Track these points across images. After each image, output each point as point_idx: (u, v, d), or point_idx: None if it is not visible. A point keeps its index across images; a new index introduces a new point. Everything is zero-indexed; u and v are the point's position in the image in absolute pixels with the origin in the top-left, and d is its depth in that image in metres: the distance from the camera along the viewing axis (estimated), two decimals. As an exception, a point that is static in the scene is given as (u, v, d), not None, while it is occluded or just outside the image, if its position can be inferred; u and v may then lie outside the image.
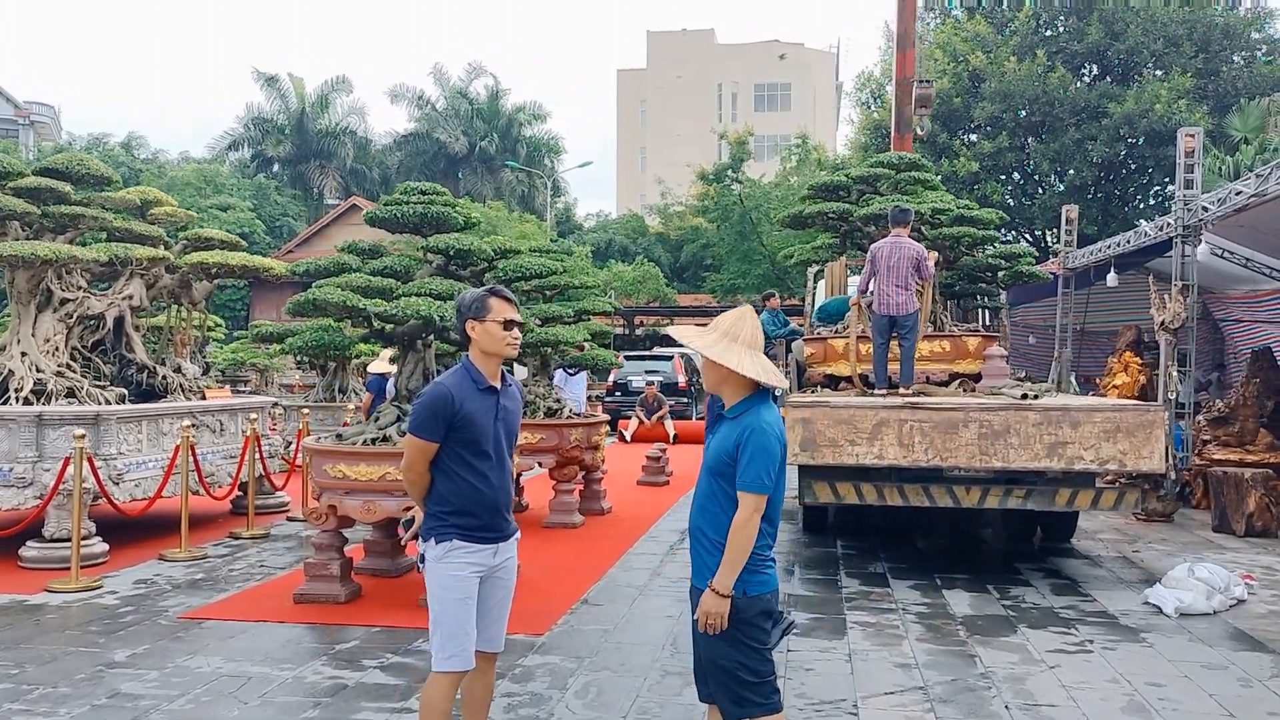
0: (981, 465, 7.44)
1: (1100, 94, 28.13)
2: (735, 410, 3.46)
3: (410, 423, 3.85)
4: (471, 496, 3.85)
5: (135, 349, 10.16)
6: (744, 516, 3.34)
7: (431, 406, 3.78)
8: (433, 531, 3.87)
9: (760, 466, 3.32)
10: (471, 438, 3.83)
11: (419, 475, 3.87)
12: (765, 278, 38.52)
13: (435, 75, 51.36)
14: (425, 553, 3.90)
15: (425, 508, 3.92)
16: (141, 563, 8.36)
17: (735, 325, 3.49)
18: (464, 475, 3.84)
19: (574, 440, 10.09)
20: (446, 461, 3.84)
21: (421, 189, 7.56)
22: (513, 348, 3.92)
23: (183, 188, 40.44)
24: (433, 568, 3.85)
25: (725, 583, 3.36)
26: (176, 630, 6.34)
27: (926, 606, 7.09)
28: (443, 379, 3.87)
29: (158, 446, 9.12)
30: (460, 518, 3.85)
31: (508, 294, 3.97)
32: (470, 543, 3.85)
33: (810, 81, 65.50)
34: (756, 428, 3.35)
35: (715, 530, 3.45)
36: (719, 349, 3.45)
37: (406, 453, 3.87)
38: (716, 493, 3.46)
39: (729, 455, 3.39)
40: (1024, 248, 11.71)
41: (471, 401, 3.83)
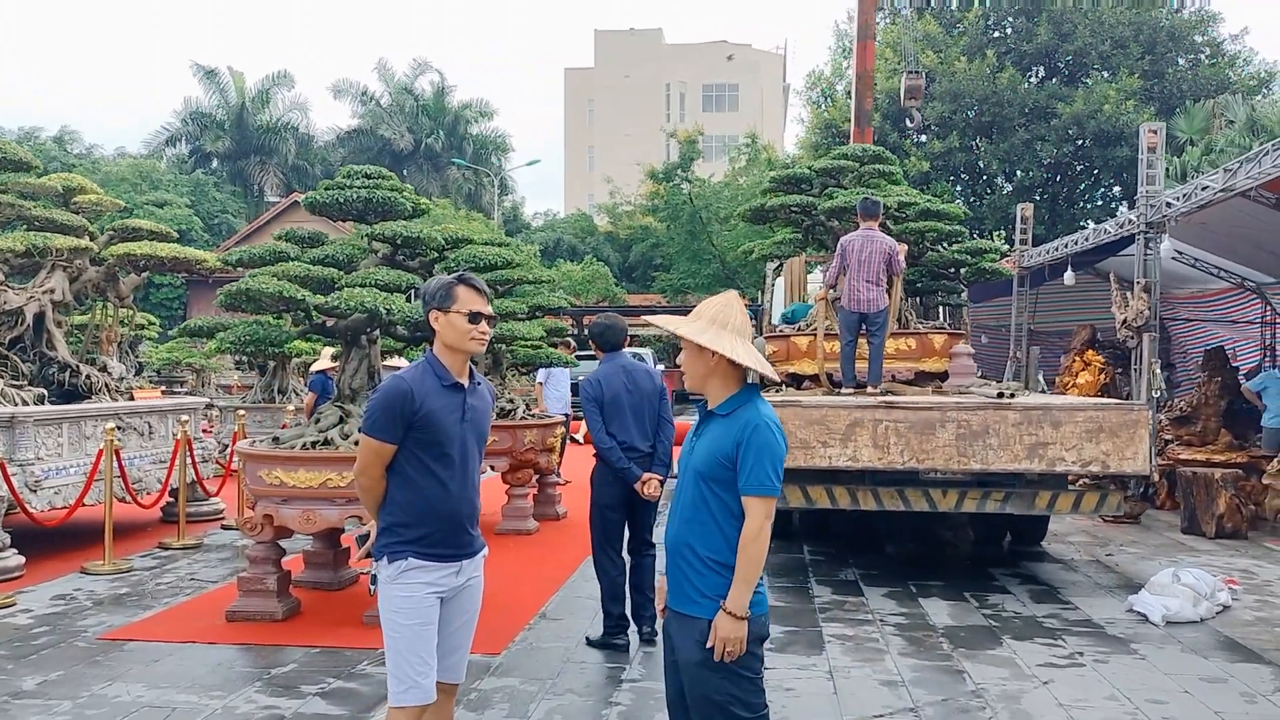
0: (960, 468, 7.09)
1: (1049, 94, 28.24)
2: (727, 406, 3.07)
3: (364, 421, 3.41)
4: (430, 507, 3.40)
5: (57, 346, 9.49)
6: (756, 525, 2.97)
7: (388, 403, 3.34)
8: (386, 549, 3.41)
9: (768, 466, 2.96)
10: (432, 439, 3.38)
11: (373, 481, 3.43)
12: (715, 277, 38.28)
13: (380, 71, 50.54)
14: (377, 573, 3.43)
15: (378, 519, 3.46)
16: (61, 576, 7.73)
17: (723, 312, 3.12)
18: (423, 482, 3.39)
19: (528, 442, 9.60)
20: (404, 466, 3.39)
21: (366, 172, 7.04)
22: (479, 343, 3.47)
23: (117, 183, 39.21)
24: (386, 590, 3.39)
25: (741, 603, 2.96)
26: (95, 653, 5.76)
27: (905, 617, 6.72)
28: (403, 373, 3.43)
29: (80, 451, 8.49)
30: (417, 532, 3.39)
31: (478, 283, 3.52)
32: (428, 561, 3.39)
33: (758, 82, 65.49)
34: (759, 424, 2.98)
35: (706, 545, 3.03)
36: (709, 335, 3.06)
37: (360, 455, 3.43)
38: (708, 500, 3.04)
39: (725, 457, 2.99)
40: (990, 244, 11.47)
41: (434, 399, 3.38)
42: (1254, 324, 16.15)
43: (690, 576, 3.05)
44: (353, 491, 6.10)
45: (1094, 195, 31.44)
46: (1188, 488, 10.22)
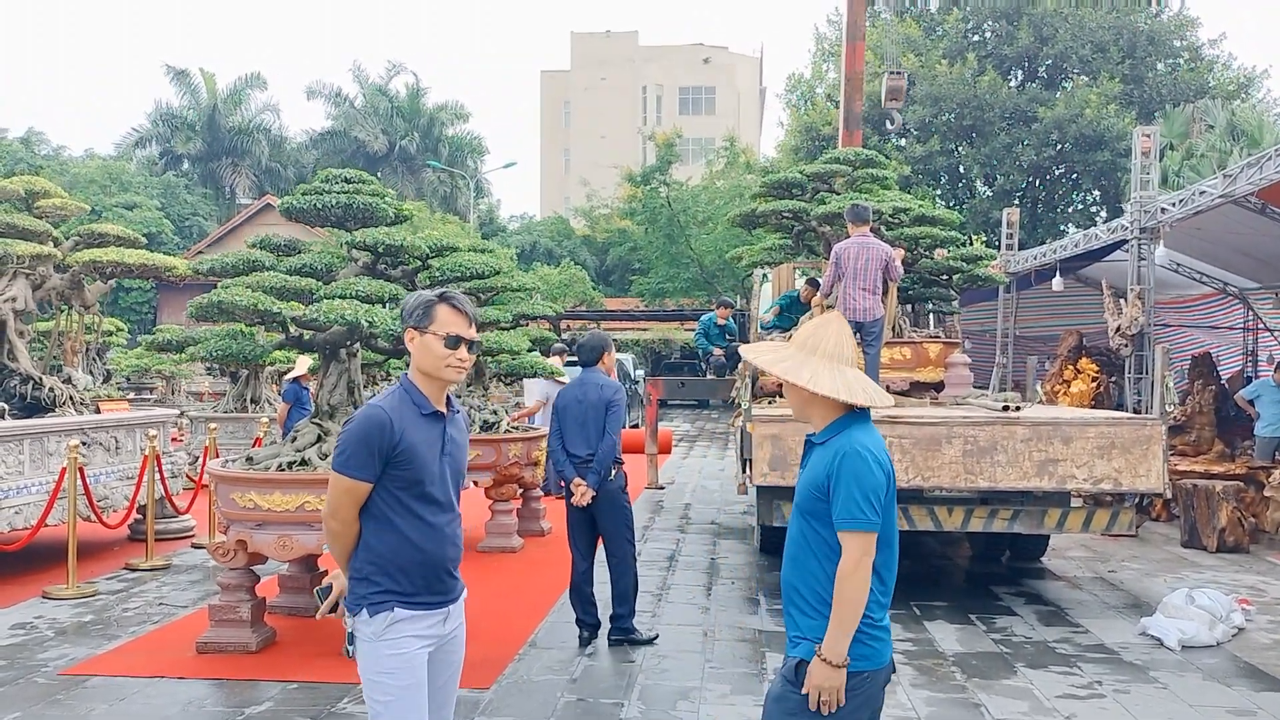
0: (966, 485, 6.82)
1: (1030, 98, 28.18)
2: (825, 434, 2.87)
3: (337, 457, 3.00)
4: (415, 553, 3.02)
5: (18, 357, 9.08)
6: (851, 562, 2.71)
7: (364, 435, 2.95)
8: (365, 600, 3.01)
9: (858, 496, 2.72)
10: (414, 477, 3.01)
11: (344, 525, 3.03)
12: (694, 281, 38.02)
13: (354, 72, 50.14)
14: (355, 630, 3.04)
15: (350, 568, 3.06)
16: (21, 602, 7.31)
17: (814, 336, 2.93)
18: (405, 526, 3.01)
19: (513, 456, 9.26)
20: (382, 508, 3.01)
21: (345, 176, 6.69)
22: (456, 371, 3.08)
23: (86, 185, 38.48)
24: (370, 648, 3.00)
25: (838, 649, 2.71)
26: (56, 690, 5.38)
27: (912, 643, 6.43)
28: (379, 400, 3.04)
29: (42, 468, 8.07)
30: (401, 580, 3.01)
31: (463, 304, 3.12)
32: (416, 610, 3.03)
33: (735, 85, 65.33)
34: (849, 451, 2.76)
35: (808, 585, 2.81)
36: (788, 364, 2.88)
37: (331, 496, 3.02)
38: (809, 537, 2.83)
39: (819, 488, 2.80)
40: (984, 249, 11.22)
41: (414, 430, 3.01)
42: (1235, 329, 16.06)
43: (797, 620, 2.85)
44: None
45: (1074, 200, 31.41)
46: (1188, 500, 9.99)
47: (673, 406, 31.03)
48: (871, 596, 2.76)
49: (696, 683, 5.61)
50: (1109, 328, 12.47)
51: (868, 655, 2.76)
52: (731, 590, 7.85)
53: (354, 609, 3.02)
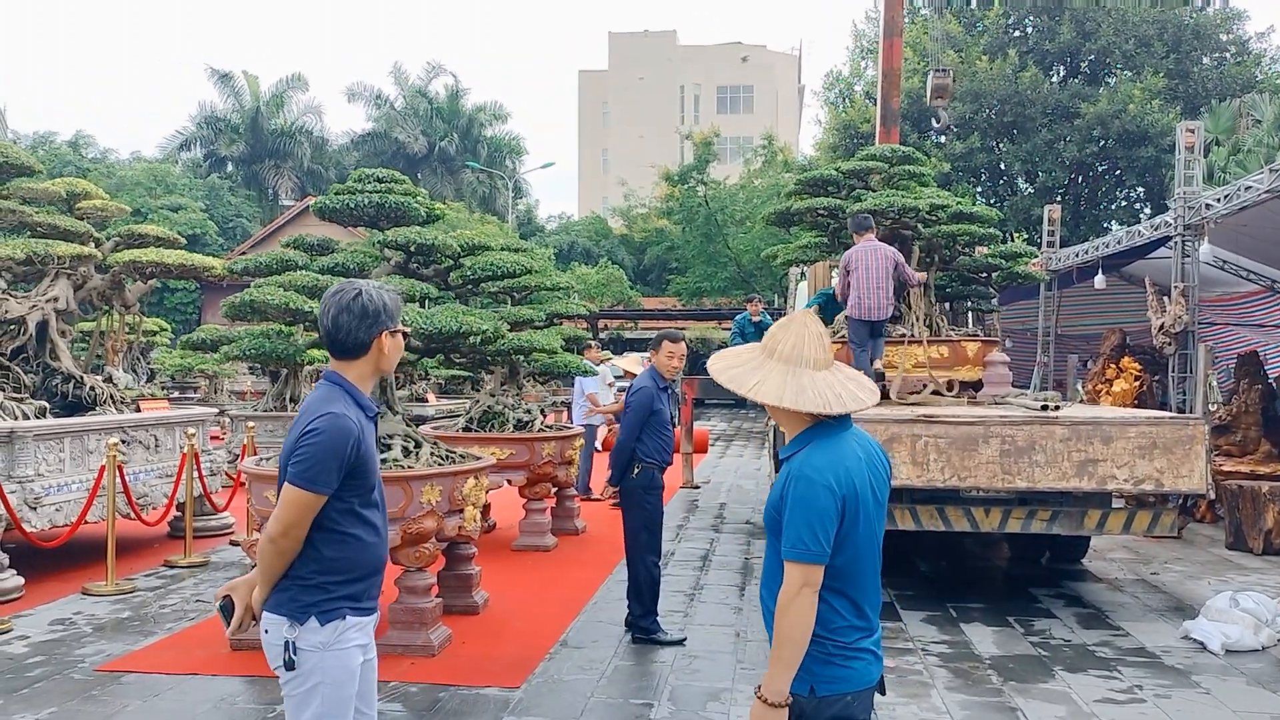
0: (1004, 486, 6.71)
1: (1072, 94, 27.77)
2: (789, 449, 2.66)
3: (301, 472, 2.81)
4: (365, 558, 2.96)
5: (60, 356, 9.20)
6: (789, 594, 2.52)
7: (336, 448, 2.82)
8: (314, 608, 2.87)
9: (801, 525, 2.50)
10: (366, 483, 2.95)
11: (297, 543, 2.87)
12: (731, 280, 37.91)
13: (394, 74, 50.38)
14: (298, 639, 2.86)
15: (292, 578, 2.90)
16: (62, 598, 7.41)
17: (773, 337, 2.70)
18: (355, 532, 2.93)
19: (546, 455, 9.25)
20: (336, 518, 2.90)
21: (378, 175, 6.71)
22: None
23: (132, 188, 39.08)
24: (316, 658, 2.86)
25: (775, 686, 2.52)
26: (92, 686, 5.44)
27: (948, 645, 6.34)
28: (331, 406, 2.88)
29: (83, 466, 8.17)
30: (352, 586, 2.93)
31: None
32: (360, 616, 2.96)
33: (773, 83, 65.06)
34: (797, 475, 2.55)
35: (774, 600, 2.63)
36: (736, 372, 2.66)
37: (288, 513, 2.84)
38: (773, 558, 2.66)
39: (775, 509, 2.63)
40: (1024, 247, 11.06)
41: (366, 436, 2.95)
42: (1283, 328, 15.71)
43: (770, 641, 2.65)
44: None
45: (1117, 197, 30.94)
46: (1233, 502, 9.79)
47: (710, 405, 30.94)
48: (845, 622, 2.59)
49: (728, 684, 5.56)
50: (1152, 326, 12.26)
51: (845, 678, 2.58)
52: (765, 591, 7.77)
53: (300, 618, 2.87)
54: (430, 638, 5.99)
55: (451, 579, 6.89)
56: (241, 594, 2.97)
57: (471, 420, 9.63)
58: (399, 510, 5.81)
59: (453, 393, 20.67)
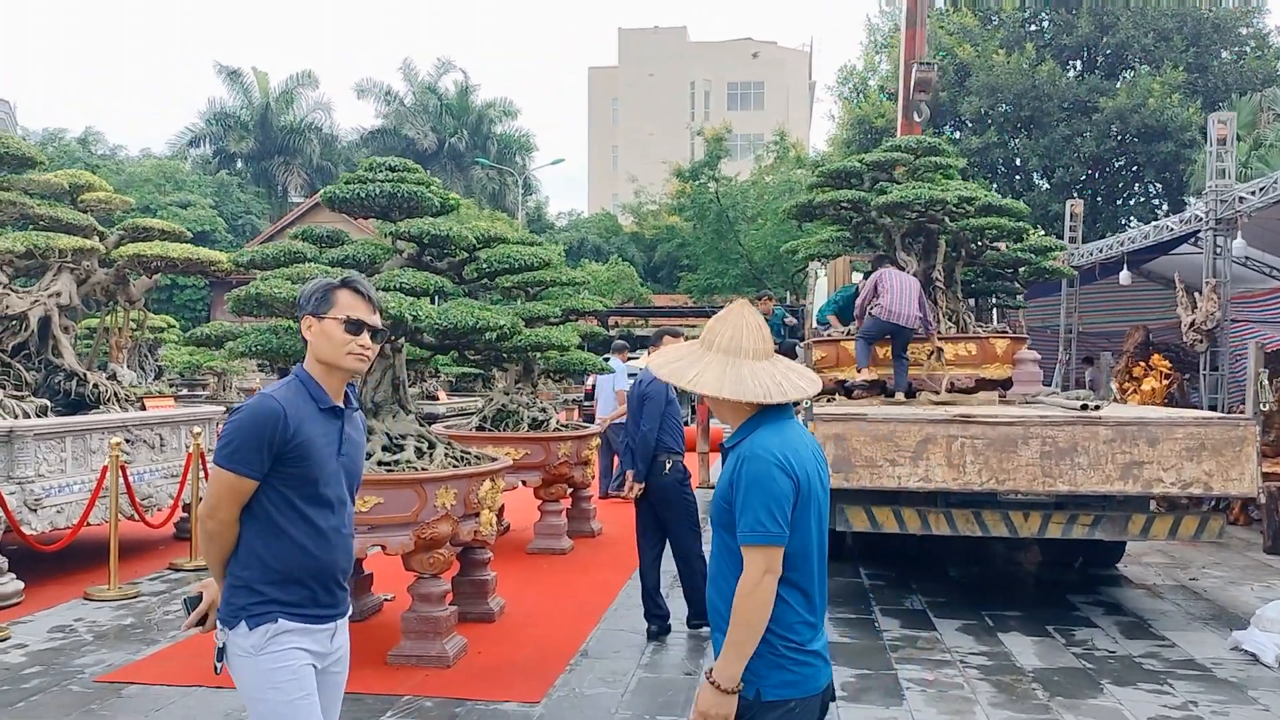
0: (1044, 489, 6.41)
1: (1090, 88, 27.38)
2: (734, 438, 2.61)
3: (220, 449, 2.72)
4: (303, 560, 2.76)
5: (63, 353, 8.95)
6: (751, 580, 2.44)
7: (255, 427, 2.68)
8: (243, 611, 2.72)
9: (759, 506, 2.44)
10: (307, 475, 2.75)
11: (223, 526, 2.74)
12: (743, 277, 37.57)
13: (404, 71, 50.15)
14: (228, 644, 2.74)
15: (228, 575, 2.78)
16: (63, 603, 7.15)
17: (711, 329, 2.67)
18: (294, 530, 2.75)
19: (562, 455, 8.97)
20: (268, 509, 2.74)
21: (390, 164, 6.43)
22: (358, 360, 2.84)
23: (141, 184, 38.92)
24: (246, 663, 2.72)
25: (728, 672, 2.45)
26: (91, 699, 5.17)
27: (987, 657, 6.04)
28: (272, 390, 2.78)
29: (85, 466, 7.91)
30: (286, 590, 2.74)
31: (364, 287, 2.91)
32: (300, 623, 2.75)
33: (783, 80, 64.69)
34: (748, 455, 2.51)
35: (724, 601, 2.54)
36: (676, 366, 2.63)
37: (211, 492, 2.75)
38: (724, 553, 2.58)
39: (724, 498, 2.56)
40: (1053, 241, 10.76)
41: (310, 425, 2.75)
42: (1309, 326, 15.38)
43: (716, 638, 2.58)
44: (375, 517, 5.52)
45: (1134, 192, 30.54)
46: (1272, 504, 9.47)
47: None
48: (797, 617, 2.50)
49: (758, 698, 5.26)
50: (1182, 323, 11.95)
51: (793, 682, 2.49)
52: (791, 597, 7.48)
53: (230, 621, 2.73)
54: (445, 648, 5.72)
55: (466, 585, 6.62)
56: (211, 591, 2.85)
57: (485, 419, 9.36)
58: (412, 514, 5.55)
59: (463, 390, 20.41)
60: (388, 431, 5.96)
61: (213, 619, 2.80)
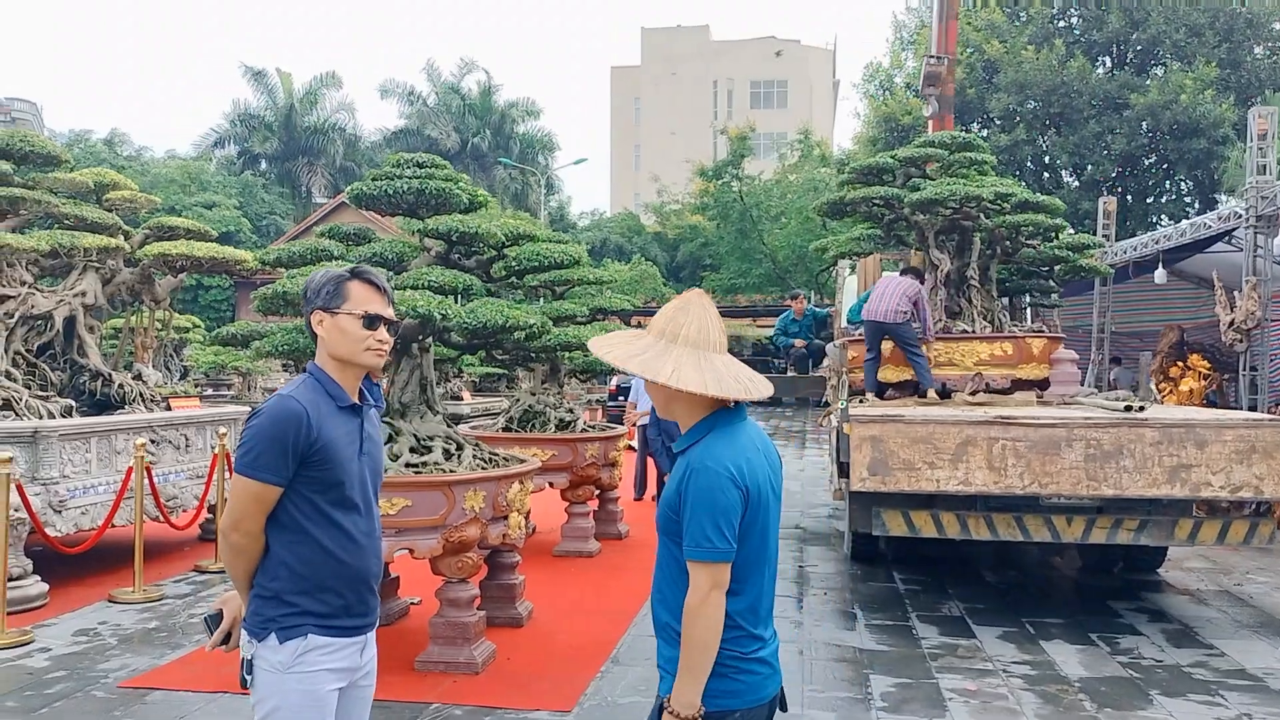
0: (1089, 493, 6.22)
1: (1121, 85, 27.02)
2: (685, 440, 2.47)
3: (241, 457, 2.57)
4: (335, 567, 2.62)
5: (88, 353, 8.89)
6: (697, 597, 2.33)
7: (277, 432, 2.54)
8: (272, 624, 2.59)
9: (705, 520, 2.32)
10: (332, 478, 2.61)
11: (251, 538, 2.60)
12: (766, 276, 37.41)
13: (427, 71, 50.25)
14: (255, 657, 2.60)
15: (252, 589, 2.64)
16: (88, 605, 7.08)
17: (674, 320, 2.49)
18: (323, 536, 2.61)
19: (589, 457, 8.84)
20: (295, 516, 2.60)
21: (417, 161, 6.32)
22: (376, 355, 2.70)
23: (166, 185, 39.14)
24: (272, 678, 2.57)
25: (686, 698, 2.33)
26: (114, 706, 5.08)
27: (1031, 666, 5.86)
28: (290, 391, 2.63)
29: (110, 467, 7.85)
30: (318, 600, 2.61)
31: (377, 279, 2.76)
32: (332, 636, 2.61)
33: (807, 78, 64.38)
34: (698, 467, 2.37)
35: (669, 611, 2.45)
36: (646, 358, 2.43)
37: (234, 504, 2.60)
38: (669, 562, 2.46)
39: (671, 506, 2.43)
40: (1090, 238, 10.53)
41: (331, 425, 2.62)
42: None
43: (661, 649, 2.50)
44: (403, 520, 5.40)
45: (1166, 190, 30.14)
46: (1317, 508, 9.21)
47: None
48: (740, 629, 2.40)
49: (796, 709, 5.11)
50: (1221, 322, 11.70)
51: (735, 691, 2.38)
52: (825, 603, 7.33)
53: (259, 633, 2.59)
54: (474, 654, 5.60)
55: (494, 589, 6.49)
56: (233, 606, 2.70)
57: (512, 420, 9.24)
58: (440, 517, 5.43)
59: (488, 390, 20.33)
60: (415, 433, 5.85)
61: (236, 636, 2.67)
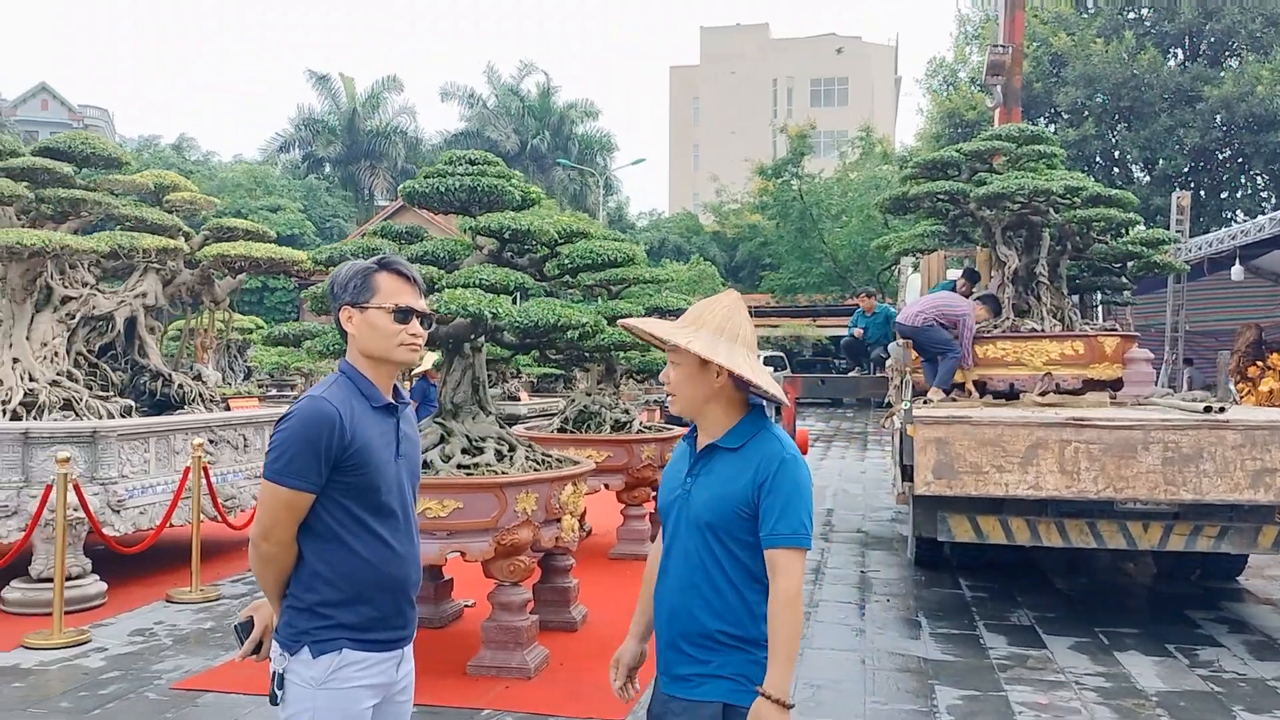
0: (1167, 498, 5.94)
1: (1193, 77, 26.26)
2: (736, 438, 2.47)
3: (272, 463, 2.43)
4: (372, 577, 2.48)
5: (149, 354, 8.96)
6: (796, 585, 2.38)
7: (308, 434, 2.40)
8: (306, 636, 2.45)
9: (804, 510, 2.40)
10: (368, 483, 2.47)
11: (282, 547, 2.46)
12: (827, 276, 37.01)
13: (487, 73, 50.64)
14: (287, 671, 2.46)
15: (284, 600, 2.51)
16: (145, 605, 7.11)
17: (730, 319, 2.49)
18: (359, 545, 2.47)
19: (646, 458, 8.70)
20: (329, 523, 2.46)
21: (470, 158, 6.23)
22: (410, 350, 2.57)
23: (233, 189, 39.86)
24: (304, 694, 2.43)
25: (786, 685, 2.35)
26: (166, 707, 5.05)
27: (1104, 678, 5.61)
28: (321, 391, 2.49)
29: (169, 467, 7.88)
30: (354, 611, 2.47)
31: (405, 267, 2.60)
32: (368, 651, 2.47)
33: (868, 75, 63.66)
34: (786, 457, 2.42)
35: (715, 615, 2.43)
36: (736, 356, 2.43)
37: (264, 511, 2.45)
38: (720, 559, 2.43)
39: (743, 502, 2.40)
40: (1165, 233, 10.15)
41: (366, 427, 2.48)
42: None
43: (695, 654, 2.47)
44: (454, 522, 5.30)
45: (1241, 184, 29.26)
46: None
47: (804, 405, 30.12)
48: None
49: None
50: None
51: None
52: (887, 610, 7.11)
53: (291, 646, 2.45)
54: (526, 659, 5.49)
55: (548, 593, 6.40)
56: (264, 614, 2.57)
57: (567, 420, 9.15)
58: (492, 520, 5.33)
59: (545, 391, 20.31)
60: (467, 433, 5.76)
61: (268, 646, 2.55)
